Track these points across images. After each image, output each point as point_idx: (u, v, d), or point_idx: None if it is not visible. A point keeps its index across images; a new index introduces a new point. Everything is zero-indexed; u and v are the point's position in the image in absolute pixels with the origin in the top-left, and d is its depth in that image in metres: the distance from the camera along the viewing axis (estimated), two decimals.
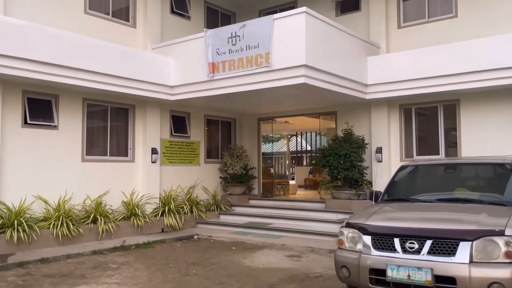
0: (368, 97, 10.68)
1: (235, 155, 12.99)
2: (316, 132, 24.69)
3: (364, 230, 4.64)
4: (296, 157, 28.91)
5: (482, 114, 9.84)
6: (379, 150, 11.02)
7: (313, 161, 11.31)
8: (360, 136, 11.01)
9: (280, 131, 18.88)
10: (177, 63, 10.75)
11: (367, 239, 4.58)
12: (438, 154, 10.45)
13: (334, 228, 10.05)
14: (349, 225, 4.83)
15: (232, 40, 9.65)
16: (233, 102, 11.56)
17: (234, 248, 8.97)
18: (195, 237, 10.37)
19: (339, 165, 10.67)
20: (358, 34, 10.57)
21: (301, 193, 15.38)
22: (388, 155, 10.98)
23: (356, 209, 10.39)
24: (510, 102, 9.49)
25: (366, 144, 11.00)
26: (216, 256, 8.21)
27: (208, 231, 10.78)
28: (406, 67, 10.09)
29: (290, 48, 8.82)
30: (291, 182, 15.76)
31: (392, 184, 6.08)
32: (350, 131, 10.98)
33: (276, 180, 14.00)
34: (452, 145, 10.40)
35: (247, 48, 9.40)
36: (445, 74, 9.61)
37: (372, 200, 6.09)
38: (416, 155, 10.80)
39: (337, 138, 11.01)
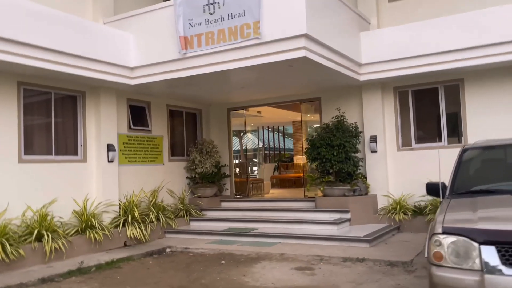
0: (362, 78, 9.38)
1: (205, 151, 11.23)
2: (283, 127, 23.40)
3: (480, 237, 3.18)
4: (251, 155, 27.44)
5: (489, 95, 8.87)
6: (373, 139, 9.78)
7: (305, 152, 9.69)
8: (352, 123, 9.70)
9: (251, 125, 17.28)
10: (138, 39, 8.81)
11: (489, 251, 3.12)
12: (441, 141, 9.38)
13: (332, 230, 8.64)
14: (448, 231, 3.35)
15: (209, 8, 7.93)
16: (202, 88, 9.80)
17: (223, 262, 7.25)
18: (168, 250, 8.51)
19: (332, 157, 9.28)
20: (353, 7, 9.24)
21: (274, 192, 13.89)
22: (383, 144, 9.76)
23: (354, 207, 9.08)
24: None
25: (360, 132, 9.71)
26: (206, 275, 6.46)
27: (182, 242, 8.95)
28: (404, 43, 8.89)
29: (286, 15, 7.27)
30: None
31: (458, 172, 4.70)
32: (343, 118, 9.62)
33: (250, 179, 12.38)
34: (456, 131, 9.37)
35: (230, 17, 7.73)
36: (447, 50, 8.53)
37: (434, 195, 4.67)
38: (415, 144, 9.68)
39: (327, 127, 9.61)
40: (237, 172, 12.69)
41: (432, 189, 4.60)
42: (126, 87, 9.13)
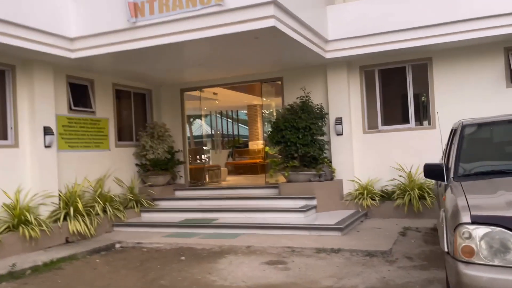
0: (328, 55, 8.77)
1: (156, 136, 10.23)
2: (237, 112, 22.54)
3: None
4: (201, 142, 26.45)
5: (458, 75, 8.57)
6: (338, 121, 9.24)
7: (266, 135, 8.93)
8: (318, 104, 9.09)
9: (205, 109, 16.30)
10: (79, 5, 7.65)
11: None
12: (408, 123, 9.01)
13: (299, 218, 8.04)
14: (479, 220, 2.74)
15: None
16: (153, 65, 8.82)
17: (183, 258, 6.42)
18: (118, 246, 7.53)
19: (298, 141, 8.64)
20: None
21: (230, 179, 13.12)
22: (349, 127, 9.26)
23: (320, 193, 8.54)
24: (491, 59, 8.33)
25: (326, 114, 9.13)
26: (165, 274, 5.61)
27: (133, 236, 7.99)
28: (371, 19, 8.38)
29: None
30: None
31: (461, 151, 4.14)
32: (308, 98, 8.99)
33: (207, 165, 11.51)
34: (424, 112, 9.04)
35: None
36: (416, 26, 8.15)
37: (431, 179, 4.10)
38: (382, 126, 9.25)
39: (292, 108, 8.94)
40: (191, 158, 11.78)
41: (433, 170, 4.03)
42: (65, 61, 7.94)
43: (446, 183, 3.90)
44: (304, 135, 8.65)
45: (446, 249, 2.97)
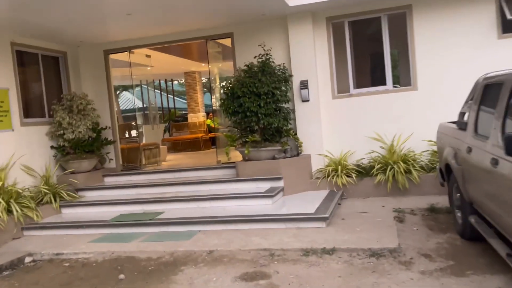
0: (292, 3, 7.10)
1: (75, 110, 8.08)
2: (172, 82, 20.22)
3: None
4: (133, 117, 23.91)
5: (442, 25, 7.29)
6: (304, 85, 7.70)
7: (220, 104, 7.18)
8: (280, 65, 7.45)
9: (134, 77, 13.97)
10: None
11: None
12: (385, 84, 7.66)
13: (267, 206, 6.50)
14: None
15: None
16: (66, 13, 6.62)
17: (122, 277, 4.62)
18: (28, 260, 5.55)
19: (259, 110, 7.00)
20: None
21: (171, 158, 11.22)
22: (316, 91, 7.74)
23: (287, 172, 7.08)
24: (480, 4, 7.09)
25: (290, 76, 7.53)
26: None
27: (51, 243, 6.03)
28: None
29: None
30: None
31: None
32: (269, 58, 7.31)
33: (143, 144, 9.49)
34: (403, 72, 7.73)
35: None
36: None
37: None
38: (354, 89, 7.83)
39: (250, 69, 7.22)
40: (122, 136, 9.72)
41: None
42: None
43: None
44: (267, 103, 7.02)
45: None
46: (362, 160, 7.61)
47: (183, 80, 28.20)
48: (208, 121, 14.29)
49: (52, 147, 8.16)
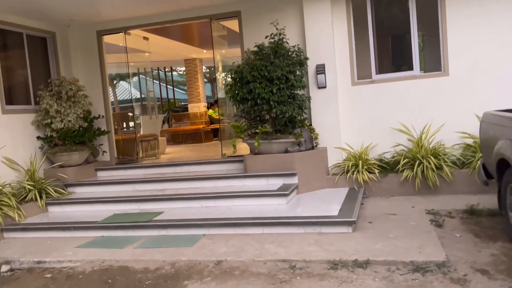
0: None
1: (65, 96, 7.25)
2: (171, 70, 19.31)
3: None
4: (126, 107, 23.04)
5: (481, 1, 6.45)
6: (321, 70, 6.87)
7: (227, 90, 6.31)
8: (295, 46, 6.61)
9: (131, 64, 13.15)
10: None
11: None
12: (411, 69, 6.83)
13: (281, 206, 5.70)
14: None
15: None
16: None
17: None
18: (5, 269, 4.76)
19: (271, 97, 6.17)
20: None
21: (170, 150, 10.41)
22: (333, 77, 6.91)
23: (301, 168, 6.29)
24: None
25: (306, 59, 6.69)
26: None
27: (32, 247, 5.24)
28: None
29: None
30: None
31: None
32: (282, 37, 6.46)
33: (140, 135, 8.63)
34: (431, 55, 6.90)
35: None
36: None
37: None
38: (376, 74, 7.00)
39: (261, 51, 6.37)
40: (117, 126, 8.90)
41: None
42: None
43: None
44: (280, 89, 6.19)
45: None
46: (384, 154, 6.81)
47: (183, 68, 27.42)
48: (210, 112, 13.47)
49: (38, 137, 7.34)
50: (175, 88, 21.99)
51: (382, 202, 6.11)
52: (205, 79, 19.85)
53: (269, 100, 6.16)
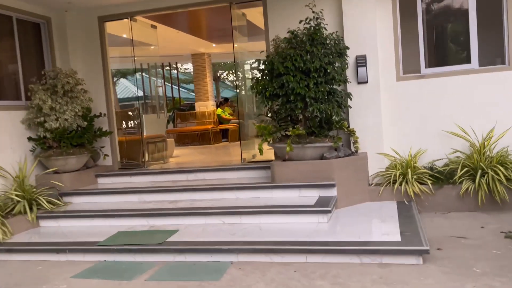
0: None
1: (61, 91, 6.22)
2: (177, 66, 18.28)
3: None
4: (129, 105, 21.99)
5: None
6: (361, 62, 5.86)
7: (252, 85, 5.25)
8: (333, 33, 5.60)
9: (135, 58, 12.11)
10: None
11: None
12: (469, 62, 5.83)
13: (322, 225, 4.69)
14: None
15: None
16: None
17: None
18: None
19: (307, 92, 5.16)
20: None
21: (179, 153, 9.38)
22: (375, 71, 5.90)
23: (341, 177, 5.26)
24: None
25: (347, 48, 5.66)
26: None
27: (16, 277, 4.21)
28: None
29: None
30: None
31: None
32: (320, 23, 5.44)
33: (146, 136, 7.60)
34: (491, 47, 5.89)
35: None
36: None
37: None
38: (426, 68, 5.99)
39: (295, 38, 5.35)
40: (125, 127, 7.86)
41: None
42: None
43: None
44: (317, 83, 5.18)
45: None
46: (435, 162, 5.81)
47: (187, 66, 26.23)
48: (219, 111, 12.46)
49: (29, 138, 6.32)
50: (180, 88, 21.00)
51: (440, 220, 5.10)
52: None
53: (304, 96, 5.15)
